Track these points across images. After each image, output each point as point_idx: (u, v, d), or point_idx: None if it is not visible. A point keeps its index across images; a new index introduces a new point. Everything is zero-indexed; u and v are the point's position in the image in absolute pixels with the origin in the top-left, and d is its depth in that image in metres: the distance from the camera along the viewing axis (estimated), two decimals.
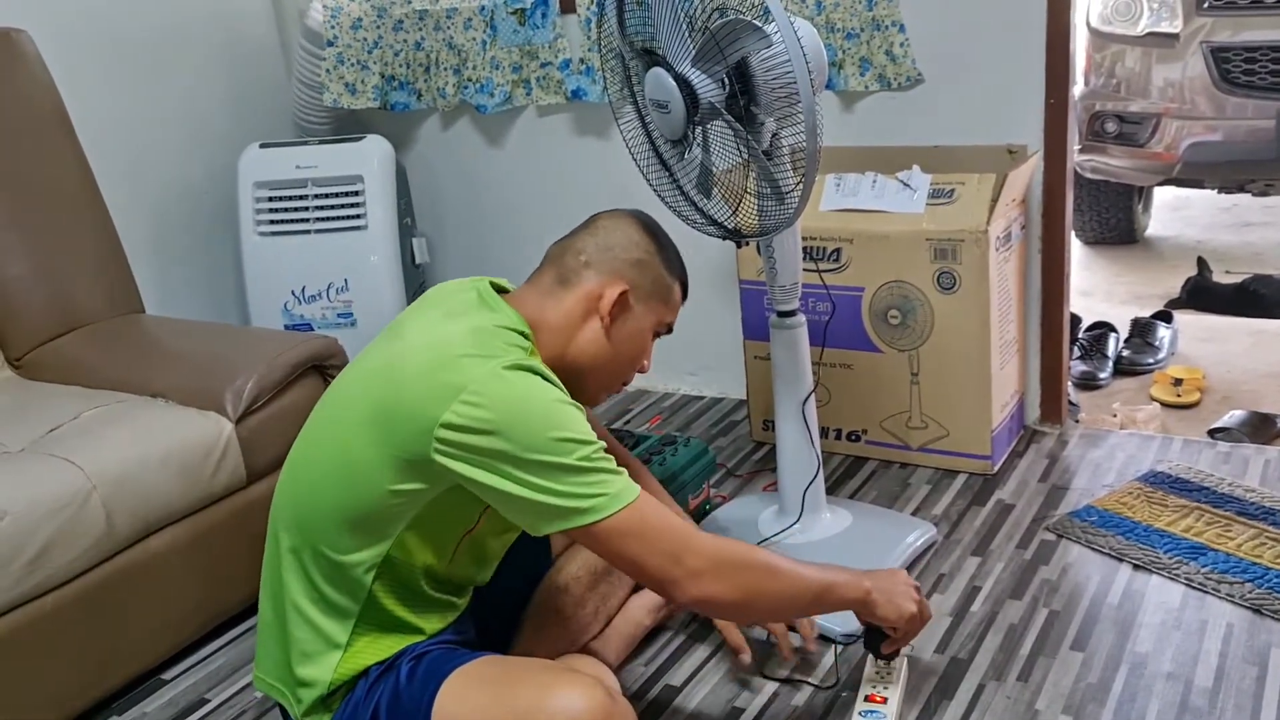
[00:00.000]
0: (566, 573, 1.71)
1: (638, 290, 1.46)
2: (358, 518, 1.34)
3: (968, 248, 2.17)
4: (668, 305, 1.50)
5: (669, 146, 1.78)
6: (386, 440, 1.31)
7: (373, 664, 1.40)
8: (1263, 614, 1.78)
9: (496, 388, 1.26)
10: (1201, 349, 3.06)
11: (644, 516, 1.29)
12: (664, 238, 1.51)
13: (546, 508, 1.27)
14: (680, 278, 1.52)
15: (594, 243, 1.46)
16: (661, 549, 1.30)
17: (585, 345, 1.44)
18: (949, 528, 2.13)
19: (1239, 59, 3.43)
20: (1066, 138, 2.30)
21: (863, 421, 2.41)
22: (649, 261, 1.47)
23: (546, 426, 1.26)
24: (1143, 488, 2.19)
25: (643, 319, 1.48)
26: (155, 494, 1.82)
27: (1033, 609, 1.86)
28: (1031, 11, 2.23)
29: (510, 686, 1.33)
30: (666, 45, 1.67)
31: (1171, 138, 3.53)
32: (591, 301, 1.43)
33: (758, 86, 1.62)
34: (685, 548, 1.31)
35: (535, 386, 1.29)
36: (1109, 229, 4.19)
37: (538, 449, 1.25)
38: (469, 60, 2.82)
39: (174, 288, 2.82)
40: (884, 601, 1.48)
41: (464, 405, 1.25)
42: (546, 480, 1.26)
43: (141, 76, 2.74)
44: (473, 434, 1.25)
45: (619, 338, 1.46)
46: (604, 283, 1.43)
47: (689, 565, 1.31)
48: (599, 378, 1.48)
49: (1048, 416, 2.50)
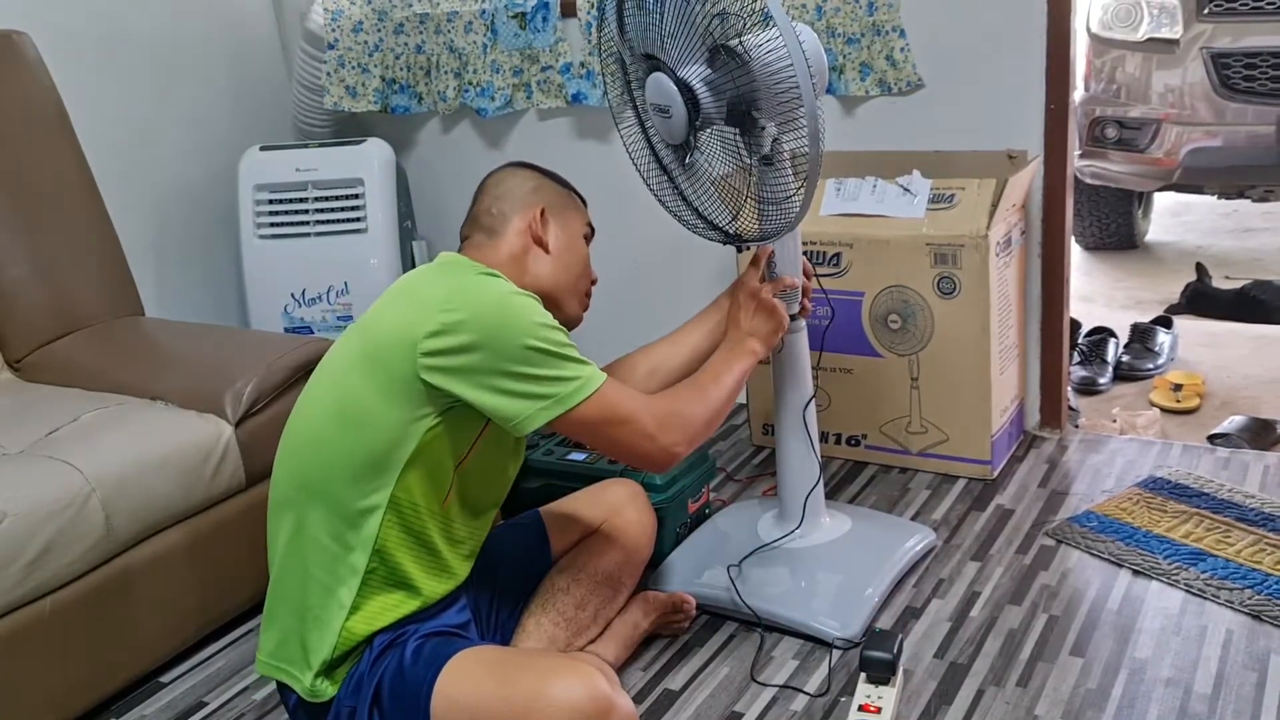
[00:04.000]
0: (568, 574, 1.71)
1: (551, 206, 1.61)
2: (361, 463, 1.41)
3: (968, 253, 2.17)
4: (579, 210, 1.66)
5: (670, 151, 1.78)
6: (377, 371, 1.41)
7: (377, 630, 1.43)
8: (1262, 620, 1.78)
9: (471, 293, 1.42)
10: (1201, 354, 3.06)
11: (610, 402, 1.44)
12: (541, 169, 1.66)
13: (524, 407, 1.39)
14: (573, 189, 1.68)
15: (493, 196, 1.61)
16: (630, 430, 1.46)
17: (537, 270, 1.58)
18: (948, 533, 2.13)
19: (1239, 65, 3.43)
20: (1067, 143, 2.30)
21: (862, 426, 2.41)
22: (543, 185, 1.63)
23: (519, 328, 1.39)
24: (1142, 493, 2.19)
25: (569, 226, 1.63)
26: (154, 496, 1.82)
27: (1032, 614, 1.86)
28: (1032, 17, 2.23)
29: (512, 672, 1.36)
30: (667, 49, 1.67)
31: (1172, 143, 3.53)
32: (522, 235, 1.58)
33: (758, 91, 1.62)
34: (652, 420, 1.48)
35: (504, 286, 1.44)
36: (1109, 234, 4.19)
37: (512, 357, 1.38)
38: (470, 64, 2.82)
39: (174, 290, 2.82)
40: (763, 345, 1.71)
41: (443, 314, 1.38)
42: (523, 385, 1.38)
43: (142, 79, 2.74)
44: (453, 347, 1.37)
45: (559, 250, 1.60)
46: (522, 215, 1.58)
47: (661, 441, 1.49)
48: (563, 293, 1.61)
49: (1048, 421, 2.50)
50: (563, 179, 1.68)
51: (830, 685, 1.72)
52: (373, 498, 1.41)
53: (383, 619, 1.44)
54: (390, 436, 1.40)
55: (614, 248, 2.85)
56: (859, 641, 1.78)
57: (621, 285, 2.89)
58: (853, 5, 2.35)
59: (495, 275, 1.49)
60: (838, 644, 1.80)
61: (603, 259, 2.88)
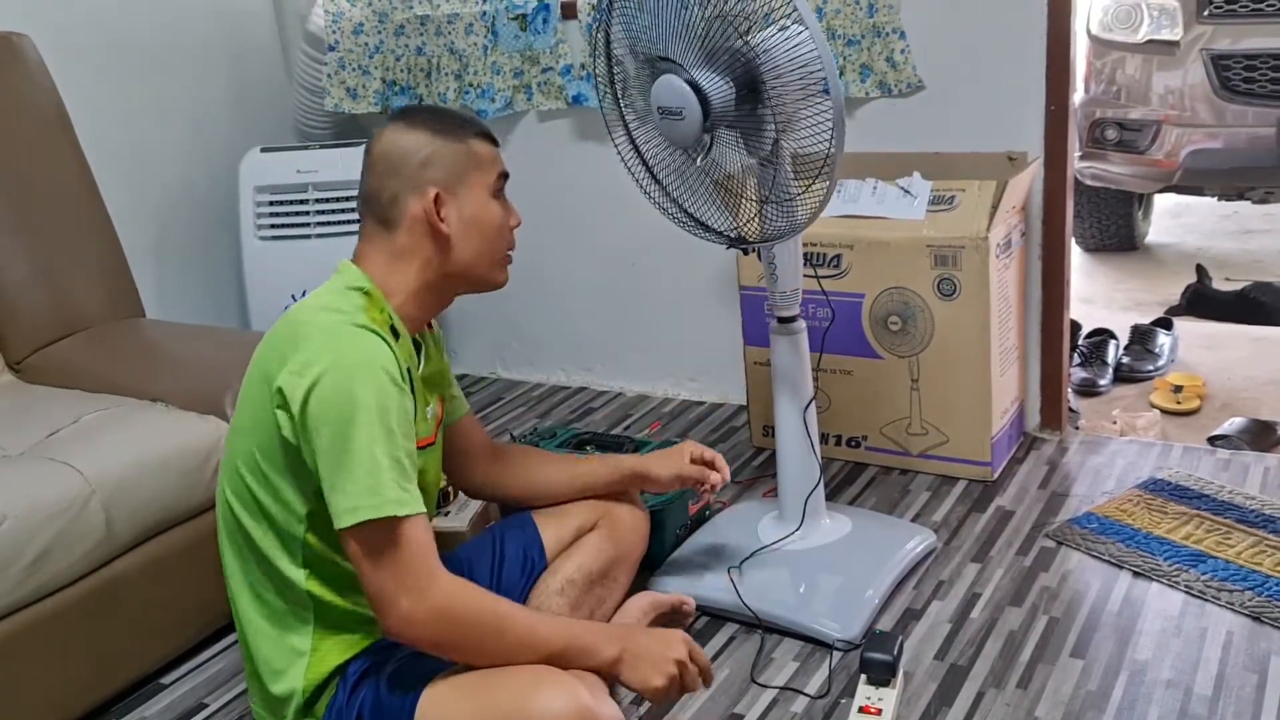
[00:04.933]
0: (562, 575, 1.70)
1: (446, 183, 1.43)
2: (265, 512, 1.38)
3: (968, 254, 2.17)
4: (480, 166, 1.46)
5: (677, 155, 1.77)
6: (257, 416, 1.35)
7: (348, 659, 1.41)
8: (1262, 621, 1.78)
9: (318, 360, 1.28)
10: (1201, 356, 3.06)
11: (393, 537, 1.26)
12: (432, 118, 1.46)
13: (329, 491, 1.28)
14: (472, 133, 1.47)
15: (381, 174, 1.44)
16: (388, 577, 1.27)
17: (450, 255, 1.44)
18: (949, 534, 2.13)
19: (1239, 66, 3.43)
20: (1067, 144, 2.30)
21: (863, 428, 2.41)
22: (434, 152, 1.43)
23: (350, 418, 1.26)
24: (1142, 495, 2.19)
25: (472, 195, 1.45)
26: (154, 498, 1.82)
27: (1032, 616, 1.86)
28: (1032, 18, 2.23)
29: (492, 690, 1.33)
30: (676, 49, 1.66)
31: (1172, 145, 3.53)
32: (421, 223, 1.42)
33: (768, 88, 1.62)
34: (413, 587, 1.27)
35: (353, 355, 1.29)
36: (1109, 236, 4.19)
37: (334, 445, 1.26)
38: (470, 65, 2.83)
39: (174, 291, 2.82)
40: (629, 670, 1.38)
41: (289, 375, 1.29)
42: (332, 473, 1.27)
43: (143, 80, 2.74)
44: (295, 404, 1.28)
45: (463, 229, 1.44)
46: (417, 199, 1.42)
47: (403, 608, 1.27)
48: (478, 270, 1.48)
49: (1048, 423, 2.50)
50: (461, 121, 1.48)
51: (830, 687, 1.72)
52: (285, 552, 1.38)
53: (349, 652, 1.42)
54: (276, 487, 1.36)
55: (613, 250, 2.86)
56: (859, 643, 1.78)
57: (621, 287, 2.89)
58: (853, 7, 2.35)
59: (366, 331, 1.32)
60: (838, 645, 1.80)
61: (602, 260, 2.90)
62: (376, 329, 1.33)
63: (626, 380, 2.98)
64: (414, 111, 1.49)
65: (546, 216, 2.92)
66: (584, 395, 2.98)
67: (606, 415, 2.85)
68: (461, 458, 1.69)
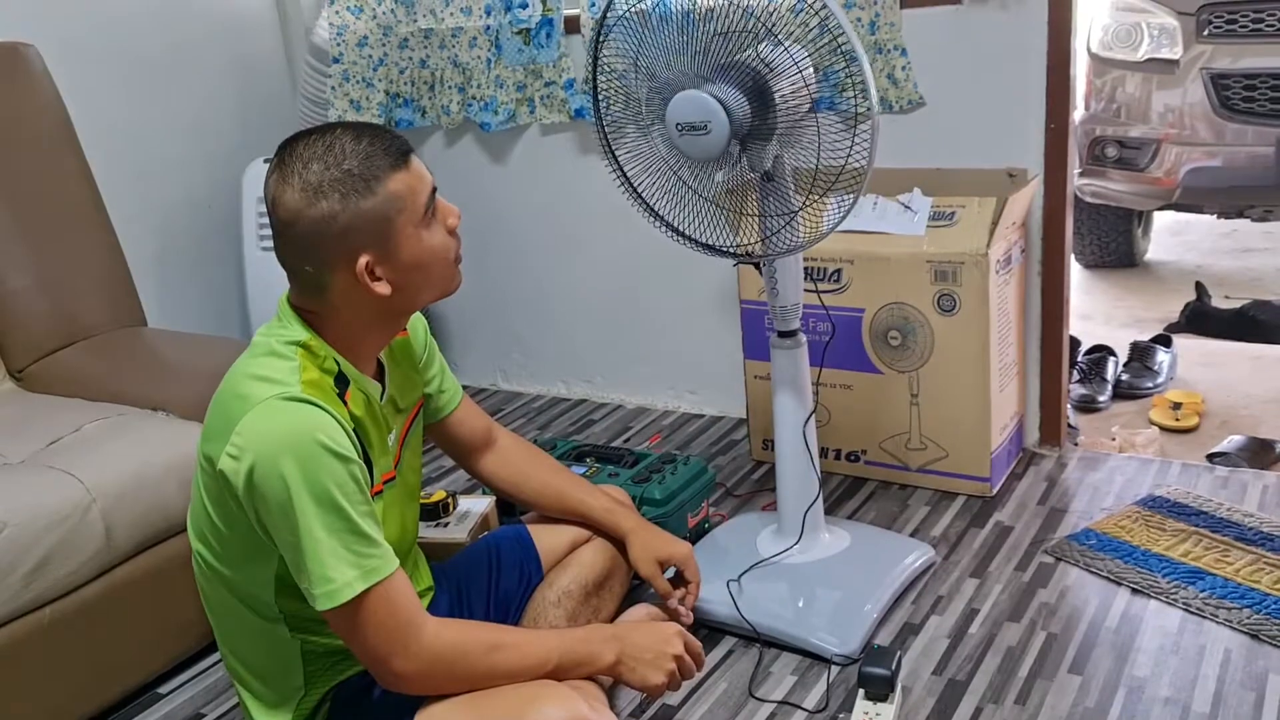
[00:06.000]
0: (558, 587, 1.70)
1: (373, 244, 1.27)
2: (232, 580, 1.37)
3: (968, 270, 2.17)
4: (404, 207, 1.29)
5: (695, 170, 1.76)
6: (204, 486, 1.33)
7: (339, 682, 1.42)
8: (1260, 639, 1.78)
9: (256, 442, 1.23)
10: (1200, 373, 3.07)
11: (367, 609, 1.25)
12: (326, 167, 1.25)
13: (294, 574, 1.27)
14: (382, 170, 1.27)
15: (293, 250, 1.30)
16: (372, 644, 1.27)
17: (390, 303, 1.32)
18: (948, 549, 2.13)
19: (1239, 85, 3.45)
20: (1067, 162, 2.31)
21: (862, 442, 2.41)
22: (351, 218, 1.25)
23: (287, 505, 1.22)
24: (1141, 511, 2.19)
25: (405, 244, 1.30)
26: (155, 507, 1.82)
27: (1031, 632, 1.86)
28: (1032, 37, 2.24)
29: (489, 706, 1.33)
30: (701, 64, 1.67)
31: (1171, 163, 3.55)
32: (357, 289, 1.29)
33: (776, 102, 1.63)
34: (399, 647, 1.28)
35: (291, 435, 1.23)
36: (1109, 253, 4.20)
37: (283, 529, 1.24)
38: (473, 78, 2.84)
39: (176, 301, 2.83)
40: (629, 672, 1.41)
41: (228, 458, 1.24)
42: (290, 556, 1.26)
43: (147, 91, 2.75)
44: (239, 489, 1.25)
45: (407, 273, 1.31)
46: (345, 270, 1.28)
47: (395, 668, 1.28)
48: (431, 293, 1.38)
49: (1047, 439, 2.50)
50: (366, 159, 1.26)
51: (828, 701, 1.72)
52: (261, 613, 1.37)
53: (340, 677, 1.42)
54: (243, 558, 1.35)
55: (614, 262, 2.87)
56: (858, 658, 1.79)
57: (622, 299, 2.90)
58: (855, 23, 2.37)
59: (298, 404, 1.25)
60: (836, 660, 1.80)
61: (603, 272, 2.91)
62: (310, 398, 1.25)
63: (627, 392, 2.99)
64: (307, 166, 1.25)
65: (548, 229, 2.93)
66: (584, 407, 2.99)
67: (607, 427, 2.85)
68: (457, 449, 1.70)
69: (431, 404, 1.62)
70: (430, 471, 2.57)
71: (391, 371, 1.49)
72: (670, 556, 1.74)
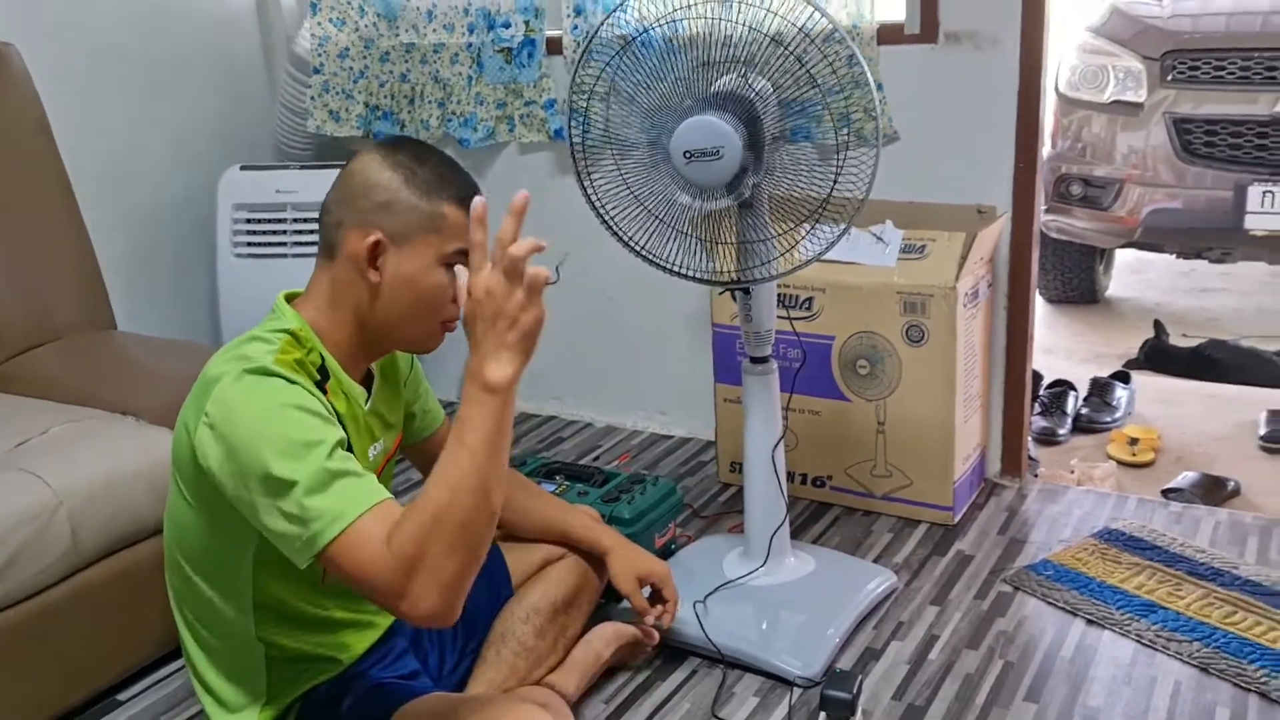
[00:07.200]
0: (527, 603, 1.72)
1: (393, 233, 1.33)
2: (207, 569, 1.37)
3: (936, 303, 2.22)
4: (441, 234, 1.34)
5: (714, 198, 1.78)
6: (182, 479, 1.34)
7: (300, 695, 1.42)
8: (1209, 673, 1.82)
9: (226, 409, 1.24)
10: (1157, 410, 3.14)
11: (351, 555, 1.18)
12: (415, 161, 1.36)
13: (276, 538, 1.23)
14: (449, 195, 1.35)
15: (338, 197, 1.37)
16: (368, 591, 1.20)
17: (372, 306, 1.35)
18: (909, 576, 2.17)
19: (1200, 130, 3.54)
20: (1034, 201, 2.37)
21: (828, 468, 2.44)
22: (395, 200, 1.33)
23: (266, 455, 1.20)
24: (1098, 544, 2.24)
25: (416, 258, 1.34)
26: (122, 512, 1.81)
27: (989, 659, 1.90)
28: (1004, 78, 2.30)
29: None
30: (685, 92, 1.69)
31: (1134, 203, 3.63)
32: (357, 261, 1.34)
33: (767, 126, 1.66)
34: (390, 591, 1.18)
35: (259, 401, 1.23)
36: (1072, 288, 4.28)
37: (259, 487, 1.21)
38: (454, 94, 2.86)
39: (147, 305, 2.81)
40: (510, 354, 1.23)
41: (203, 427, 1.25)
42: (269, 518, 1.22)
43: (126, 93, 2.74)
44: (212, 460, 1.25)
45: (400, 283, 1.34)
46: (358, 235, 1.33)
47: (402, 610, 1.19)
48: (409, 329, 1.39)
49: (1008, 470, 2.55)
50: (440, 173, 1.36)
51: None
52: (233, 606, 1.37)
53: (304, 685, 1.43)
54: (216, 544, 1.35)
55: (588, 282, 2.88)
56: (820, 680, 1.81)
57: (594, 319, 2.92)
58: (831, 58, 2.41)
59: (265, 376, 1.26)
60: (799, 682, 1.82)
61: (577, 292, 2.92)
62: (281, 371, 1.26)
63: (596, 411, 3.01)
64: (403, 148, 1.38)
65: None
66: (553, 425, 3.00)
67: (575, 445, 2.87)
68: None
69: (413, 424, 1.63)
70: (399, 484, 2.56)
71: (379, 384, 1.50)
72: (650, 574, 1.76)
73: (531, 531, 1.76)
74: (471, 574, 1.20)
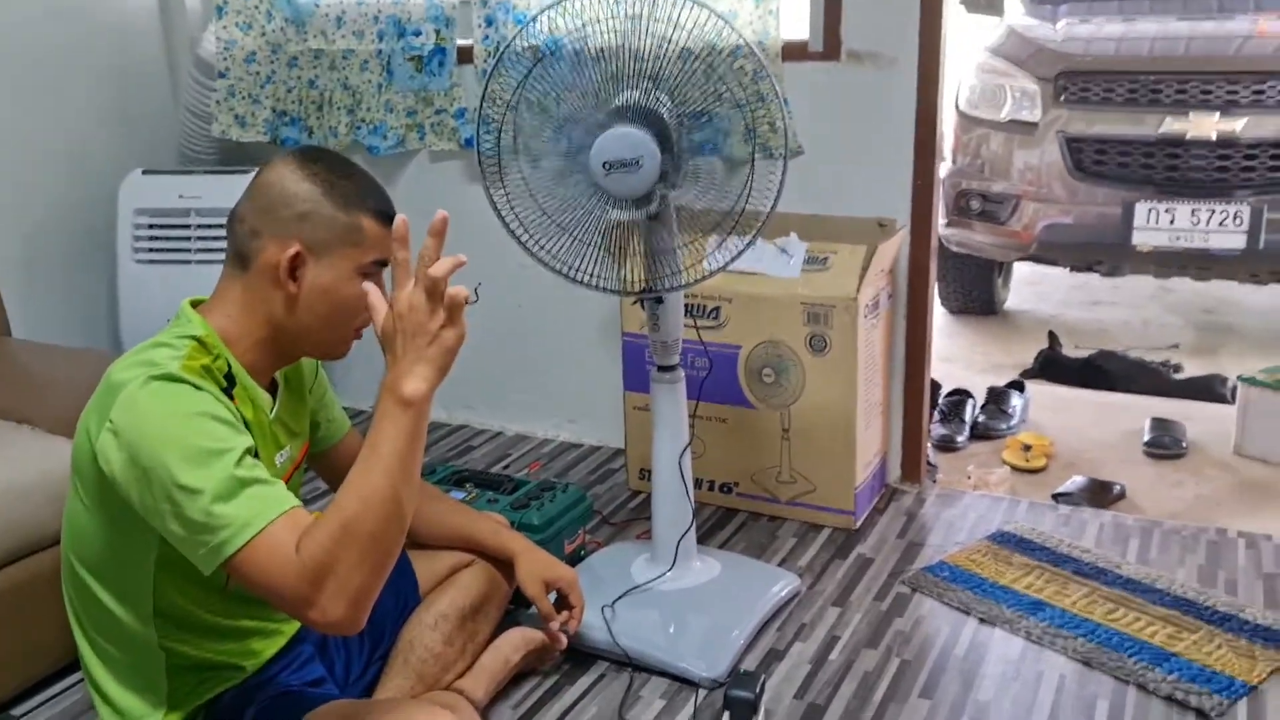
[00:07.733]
0: (435, 610, 1.72)
1: (313, 244, 1.34)
2: (106, 576, 1.35)
3: (838, 313, 2.28)
4: (360, 246, 1.36)
5: (622, 209, 1.81)
6: (82, 482, 1.33)
7: (208, 699, 1.41)
8: (1092, 666, 1.91)
9: (131, 415, 1.22)
10: (1050, 417, 3.26)
11: (259, 565, 1.18)
12: (334, 173, 1.38)
13: (182, 544, 1.22)
14: (367, 208, 1.38)
15: (252, 206, 1.37)
16: (275, 599, 1.20)
17: (292, 314, 1.37)
18: (812, 579, 2.22)
19: (1091, 149, 3.69)
20: (932, 216, 2.45)
21: (735, 474, 2.49)
22: (315, 211, 1.35)
23: (172, 463, 1.19)
24: (991, 546, 2.33)
25: (333, 270, 1.36)
26: (18, 523, 1.77)
27: (886, 658, 1.96)
28: (903, 96, 2.38)
29: None
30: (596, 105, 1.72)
31: (1029, 218, 3.77)
32: (272, 271, 1.34)
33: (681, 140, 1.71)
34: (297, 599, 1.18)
35: (165, 407, 1.23)
36: (972, 299, 4.42)
37: (165, 495, 1.20)
38: (363, 101, 2.84)
39: (43, 311, 2.74)
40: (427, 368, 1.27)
41: (106, 434, 1.24)
42: (175, 525, 1.21)
43: (22, 93, 2.67)
44: (113, 465, 1.24)
45: (316, 294, 1.36)
46: (277, 247, 1.34)
47: (312, 618, 1.19)
48: (322, 337, 1.40)
49: (908, 476, 2.63)
50: (358, 187, 1.38)
51: None
52: (132, 613, 1.35)
53: (210, 693, 1.41)
54: (116, 549, 1.33)
55: (498, 290, 2.89)
56: (724, 682, 1.85)
57: (505, 328, 2.92)
58: (738, 73, 2.47)
59: (169, 382, 1.24)
60: (704, 684, 1.86)
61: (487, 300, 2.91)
62: (187, 377, 1.26)
63: (507, 420, 3.01)
64: (320, 159, 1.39)
65: None
66: (464, 433, 3.00)
67: (486, 454, 2.87)
68: (339, 480, 1.69)
69: (318, 432, 1.63)
70: (307, 491, 2.54)
71: (284, 392, 1.50)
72: (557, 579, 1.78)
73: (439, 538, 1.76)
74: (379, 584, 1.21)
